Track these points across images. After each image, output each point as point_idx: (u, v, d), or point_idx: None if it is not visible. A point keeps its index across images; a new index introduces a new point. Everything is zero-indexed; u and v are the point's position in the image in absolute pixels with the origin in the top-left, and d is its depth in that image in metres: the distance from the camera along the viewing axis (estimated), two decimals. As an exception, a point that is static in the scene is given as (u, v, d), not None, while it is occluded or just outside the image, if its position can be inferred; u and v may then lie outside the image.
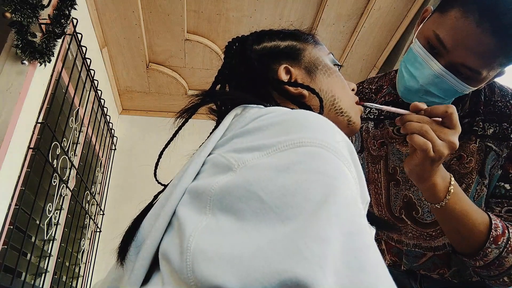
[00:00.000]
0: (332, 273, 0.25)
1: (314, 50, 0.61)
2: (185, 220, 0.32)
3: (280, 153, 0.33)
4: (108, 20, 1.98)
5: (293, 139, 0.34)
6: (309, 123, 0.36)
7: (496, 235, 0.66)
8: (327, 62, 0.61)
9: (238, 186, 0.31)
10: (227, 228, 0.29)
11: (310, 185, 0.30)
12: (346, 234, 0.27)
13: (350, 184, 0.32)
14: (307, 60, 0.60)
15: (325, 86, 0.58)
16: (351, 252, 0.27)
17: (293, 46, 0.61)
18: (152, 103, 2.71)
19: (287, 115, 0.38)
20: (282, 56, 0.60)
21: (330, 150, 0.33)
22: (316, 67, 0.59)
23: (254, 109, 0.44)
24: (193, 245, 0.29)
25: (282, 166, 0.32)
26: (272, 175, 0.31)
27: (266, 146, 0.34)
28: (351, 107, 0.59)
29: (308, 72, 0.59)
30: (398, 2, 1.97)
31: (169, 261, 0.31)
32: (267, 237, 0.27)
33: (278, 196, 0.29)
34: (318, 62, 0.60)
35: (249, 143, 0.36)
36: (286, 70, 0.58)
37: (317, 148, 0.33)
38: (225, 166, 0.35)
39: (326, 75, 0.59)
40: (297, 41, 0.62)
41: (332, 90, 0.58)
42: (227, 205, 0.31)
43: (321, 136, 0.34)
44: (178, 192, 0.37)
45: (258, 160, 0.34)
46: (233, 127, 0.42)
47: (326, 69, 0.60)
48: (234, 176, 0.33)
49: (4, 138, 1.17)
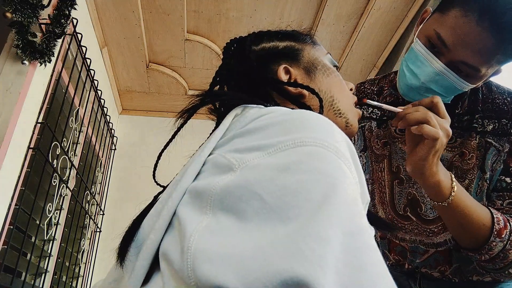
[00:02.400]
0: (333, 273, 0.25)
1: (312, 51, 0.61)
2: (186, 220, 0.32)
3: (281, 153, 0.33)
4: (108, 20, 1.98)
5: (294, 139, 0.34)
6: (309, 123, 0.36)
7: (499, 228, 0.67)
8: (326, 62, 0.61)
9: (239, 186, 0.31)
10: (228, 228, 0.29)
11: (311, 185, 0.30)
12: (347, 233, 0.27)
13: (351, 184, 0.32)
14: (306, 60, 0.60)
15: (324, 87, 0.58)
16: (352, 251, 0.27)
17: (291, 47, 0.61)
18: (152, 103, 2.71)
19: (287, 115, 0.38)
20: (281, 57, 0.60)
21: (331, 150, 0.33)
22: (315, 67, 0.59)
23: (254, 109, 0.44)
24: (193, 245, 0.29)
25: (283, 166, 0.32)
26: (273, 175, 0.31)
27: (267, 146, 0.34)
28: (349, 109, 0.59)
29: (307, 72, 0.59)
30: (398, 2, 1.97)
31: (169, 261, 0.31)
32: (268, 237, 0.27)
33: (279, 196, 0.29)
34: (317, 62, 0.60)
35: (250, 143, 0.36)
36: (286, 70, 0.58)
37: (318, 148, 0.33)
38: (225, 166, 0.35)
39: (325, 75, 0.59)
40: (295, 41, 0.62)
41: (331, 91, 0.58)
42: (228, 205, 0.31)
43: (322, 136, 0.34)
44: (178, 192, 0.37)
45: (259, 160, 0.34)
46: (233, 127, 0.42)
47: (325, 69, 0.59)
48: (235, 176, 0.33)
49: (4, 138, 1.17)
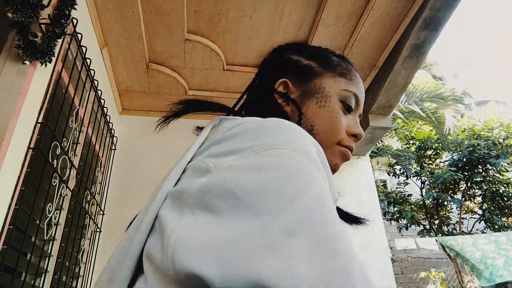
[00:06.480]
0: (306, 263, 0.27)
1: (328, 81, 0.59)
2: (166, 220, 0.34)
3: (255, 155, 0.36)
4: (108, 20, 1.98)
5: (267, 143, 0.37)
6: (281, 129, 0.39)
7: None
8: (333, 95, 0.58)
9: (215, 185, 0.34)
10: (205, 224, 0.31)
11: (282, 182, 0.32)
12: (317, 224, 0.29)
13: (320, 182, 0.34)
14: (312, 85, 0.59)
15: (309, 113, 0.57)
16: (323, 239, 0.28)
17: (308, 68, 0.61)
18: (152, 103, 2.71)
19: (261, 122, 0.41)
20: (292, 72, 0.62)
21: (300, 153, 0.36)
22: (313, 95, 0.58)
23: (230, 119, 0.47)
24: (173, 240, 0.31)
25: (256, 166, 0.34)
26: (247, 174, 0.34)
27: (242, 150, 0.37)
28: (327, 144, 0.56)
29: (302, 95, 0.59)
30: (398, 2, 1.97)
31: (152, 260, 0.33)
32: (243, 229, 0.29)
33: (252, 193, 0.31)
34: (320, 91, 0.58)
35: (226, 148, 0.39)
36: (284, 85, 0.61)
37: (288, 151, 0.36)
38: (203, 169, 0.38)
39: (317, 105, 0.57)
40: (320, 66, 0.61)
41: (314, 121, 0.56)
42: (205, 204, 0.33)
43: (292, 140, 0.37)
44: (159, 197, 0.39)
45: (234, 162, 0.36)
46: (211, 137, 0.45)
47: (322, 100, 0.58)
48: (211, 176, 0.36)
49: (4, 138, 1.17)
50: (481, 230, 8.22)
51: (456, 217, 8.24)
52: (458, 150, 7.86)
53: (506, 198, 7.57)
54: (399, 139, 8.76)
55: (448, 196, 7.86)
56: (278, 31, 2.15)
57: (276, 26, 2.13)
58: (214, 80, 2.53)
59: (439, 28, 2.02)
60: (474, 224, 8.12)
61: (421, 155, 8.37)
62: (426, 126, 8.38)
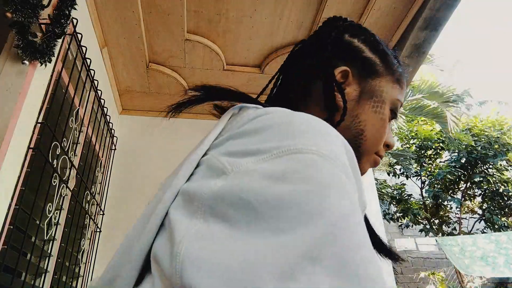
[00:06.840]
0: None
1: (387, 84, 0.55)
2: (176, 223, 0.32)
3: (276, 160, 0.32)
4: (108, 20, 1.98)
5: (289, 145, 0.33)
6: (307, 127, 0.35)
7: None
8: (387, 101, 0.55)
9: (231, 193, 0.31)
10: (218, 235, 0.29)
11: (305, 197, 0.28)
12: (345, 247, 0.26)
13: (348, 193, 0.31)
14: (372, 84, 0.54)
15: (363, 116, 0.53)
16: (350, 268, 0.25)
17: (374, 63, 0.55)
18: (152, 103, 2.71)
19: (285, 118, 0.37)
20: (355, 62, 0.55)
21: (328, 158, 0.32)
22: (371, 96, 0.54)
23: (252, 109, 0.43)
24: (182, 251, 0.28)
25: (277, 174, 0.30)
26: (267, 184, 0.30)
27: (261, 152, 0.34)
28: (368, 152, 0.54)
29: (361, 94, 0.53)
30: (398, 2, 1.97)
31: (159, 265, 0.31)
32: (258, 249, 0.26)
33: (272, 207, 0.28)
34: (379, 94, 0.54)
35: (244, 147, 0.35)
36: (345, 75, 0.53)
37: (313, 156, 0.32)
38: (219, 170, 0.34)
39: (373, 109, 0.53)
40: (384, 64, 0.56)
41: (366, 126, 0.53)
42: (219, 212, 0.30)
43: (319, 142, 0.33)
44: (170, 194, 0.36)
45: (252, 165, 0.33)
46: (229, 128, 0.41)
47: (379, 106, 0.54)
48: (227, 180, 0.32)
49: (4, 138, 1.17)
50: (481, 230, 8.22)
51: (456, 217, 8.26)
52: (457, 150, 7.87)
53: (506, 197, 7.58)
54: (399, 139, 8.76)
55: (448, 195, 7.87)
56: (278, 31, 2.15)
57: (276, 26, 2.12)
58: (214, 80, 2.53)
59: (439, 28, 2.02)
60: (474, 224, 8.13)
61: (421, 155, 8.37)
62: (430, 122, 8.35)
